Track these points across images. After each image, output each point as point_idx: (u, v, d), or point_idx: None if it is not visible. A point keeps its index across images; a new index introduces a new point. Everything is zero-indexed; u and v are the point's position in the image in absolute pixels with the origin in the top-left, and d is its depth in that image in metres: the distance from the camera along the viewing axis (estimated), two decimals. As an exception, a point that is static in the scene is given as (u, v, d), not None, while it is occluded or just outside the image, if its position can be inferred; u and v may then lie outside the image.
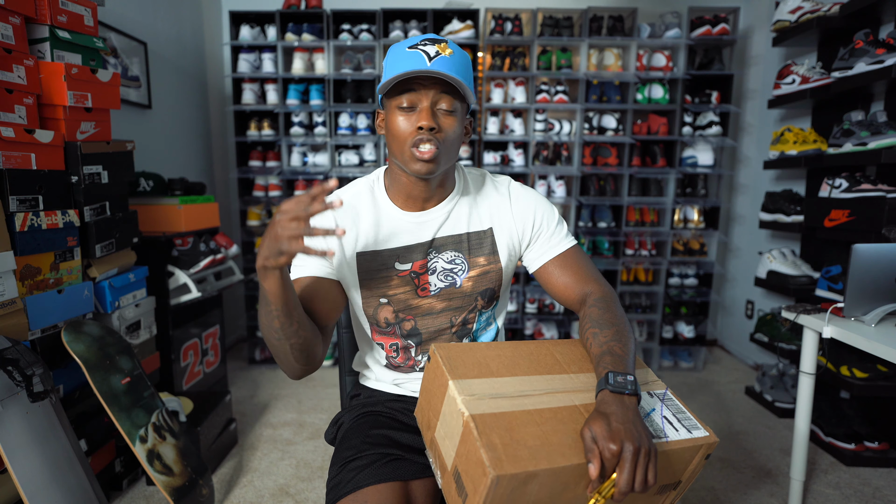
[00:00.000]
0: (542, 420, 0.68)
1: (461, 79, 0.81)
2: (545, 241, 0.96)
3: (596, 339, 0.81)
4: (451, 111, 0.84)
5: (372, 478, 0.80)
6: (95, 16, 1.58)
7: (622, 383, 0.70)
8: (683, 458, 0.71)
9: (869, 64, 1.80)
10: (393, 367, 0.99)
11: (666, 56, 2.64)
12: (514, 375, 0.75)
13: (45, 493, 1.18)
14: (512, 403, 0.69)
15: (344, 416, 1.00)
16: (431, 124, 0.81)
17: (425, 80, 0.82)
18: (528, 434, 0.65)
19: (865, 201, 1.83)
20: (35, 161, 1.37)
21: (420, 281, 0.92)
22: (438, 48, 0.81)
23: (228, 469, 1.82)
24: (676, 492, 0.76)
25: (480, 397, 0.69)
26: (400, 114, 0.83)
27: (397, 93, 0.83)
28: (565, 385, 0.76)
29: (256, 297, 2.85)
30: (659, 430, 0.72)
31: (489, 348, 0.80)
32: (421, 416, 0.81)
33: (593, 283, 0.92)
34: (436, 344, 0.78)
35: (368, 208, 0.92)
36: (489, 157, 2.74)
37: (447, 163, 0.87)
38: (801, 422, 1.51)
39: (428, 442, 0.78)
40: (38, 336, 1.38)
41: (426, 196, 0.91)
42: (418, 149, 0.82)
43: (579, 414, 0.71)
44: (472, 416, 0.65)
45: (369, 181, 0.96)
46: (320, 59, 2.69)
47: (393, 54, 0.85)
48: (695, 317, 2.89)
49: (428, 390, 0.77)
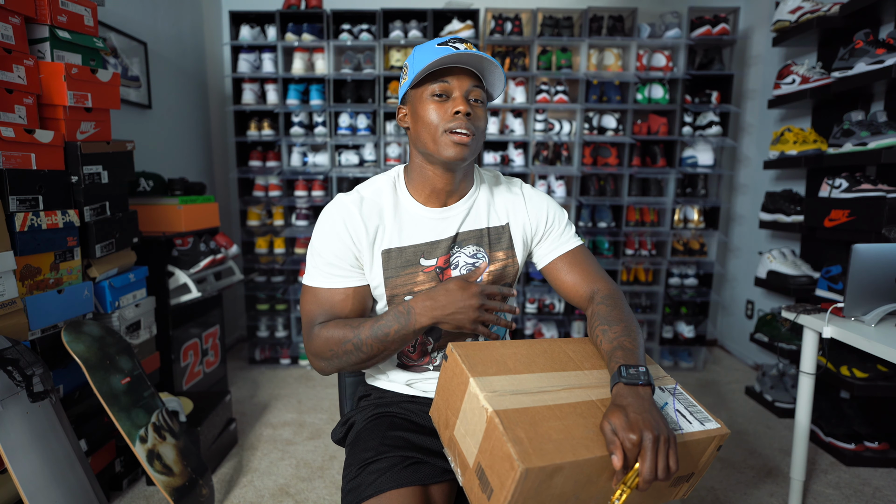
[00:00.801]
0: (563, 415, 0.69)
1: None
2: (555, 238, 0.99)
3: (606, 336, 0.82)
4: (481, 101, 0.88)
5: (393, 482, 0.81)
6: (95, 16, 1.58)
7: (635, 375, 0.72)
8: (698, 449, 0.73)
9: (869, 64, 1.80)
10: (406, 368, 0.99)
11: (666, 56, 2.64)
12: (532, 372, 0.76)
13: (45, 493, 1.18)
14: (533, 399, 0.70)
15: (355, 416, 0.99)
16: (468, 109, 0.84)
17: (458, 71, 0.85)
18: (551, 428, 0.66)
19: (865, 201, 1.83)
20: (35, 161, 1.37)
21: (444, 276, 0.93)
22: (466, 46, 0.85)
23: (228, 469, 1.82)
24: (689, 483, 0.77)
25: (502, 393, 0.70)
26: (432, 103, 0.86)
27: (429, 81, 0.86)
28: (580, 381, 0.77)
29: (256, 297, 2.85)
30: (673, 423, 0.73)
31: (504, 346, 0.81)
32: (438, 416, 0.81)
33: (601, 282, 0.95)
34: (452, 343, 0.79)
35: (391, 205, 0.93)
36: (489, 157, 2.74)
37: (475, 152, 0.89)
38: (801, 422, 1.51)
39: (446, 441, 0.78)
40: (38, 336, 1.38)
41: (450, 189, 0.93)
42: (454, 133, 0.84)
43: (597, 408, 0.72)
44: (496, 411, 0.66)
45: (390, 178, 0.97)
46: (320, 59, 2.69)
47: (421, 50, 0.88)
48: (695, 317, 2.89)
49: (446, 389, 0.78)
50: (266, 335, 2.89)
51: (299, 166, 2.78)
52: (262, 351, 2.92)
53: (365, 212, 0.91)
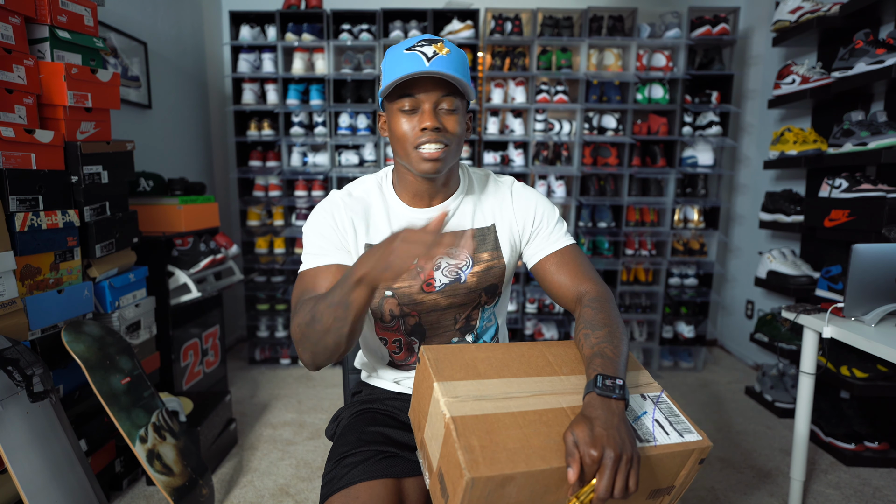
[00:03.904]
0: (526, 422, 0.67)
1: (460, 76, 0.82)
2: (544, 237, 0.98)
3: (588, 340, 0.80)
4: (452, 110, 0.85)
5: (364, 474, 0.81)
6: (95, 16, 1.58)
7: (610, 387, 0.69)
8: (674, 462, 0.70)
9: (869, 64, 1.80)
10: (395, 366, 1.00)
11: (666, 56, 2.64)
12: (502, 377, 0.74)
13: (45, 493, 1.18)
14: (495, 406, 0.69)
15: (343, 413, 1.01)
16: (435, 124, 0.82)
17: (425, 82, 0.82)
18: (508, 437, 0.65)
19: (865, 201, 1.83)
20: (35, 161, 1.37)
21: (425, 276, 0.93)
22: (435, 48, 0.82)
23: (228, 469, 1.82)
24: (671, 496, 0.75)
25: (464, 399, 0.68)
26: (402, 116, 0.85)
27: (398, 96, 0.84)
28: (554, 387, 0.75)
29: (256, 297, 2.85)
30: (648, 434, 0.70)
31: (479, 350, 0.79)
32: (413, 417, 0.81)
33: (589, 283, 0.92)
34: (425, 346, 0.78)
35: (378, 204, 0.95)
36: (489, 157, 2.74)
37: (452, 160, 0.89)
38: (801, 422, 1.51)
39: (418, 443, 0.78)
40: (38, 336, 1.38)
41: (432, 193, 0.94)
42: (424, 150, 0.84)
43: (565, 416, 0.70)
44: (452, 417, 0.65)
45: (378, 178, 0.98)
46: (320, 59, 2.69)
47: (390, 57, 0.85)
48: (695, 317, 2.89)
49: (418, 391, 0.77)
50: (266, 335, 2.89)
51: (299, 166, 2.78)
52: (262, 351, 2.92)
53: (351, 206, 0.93)
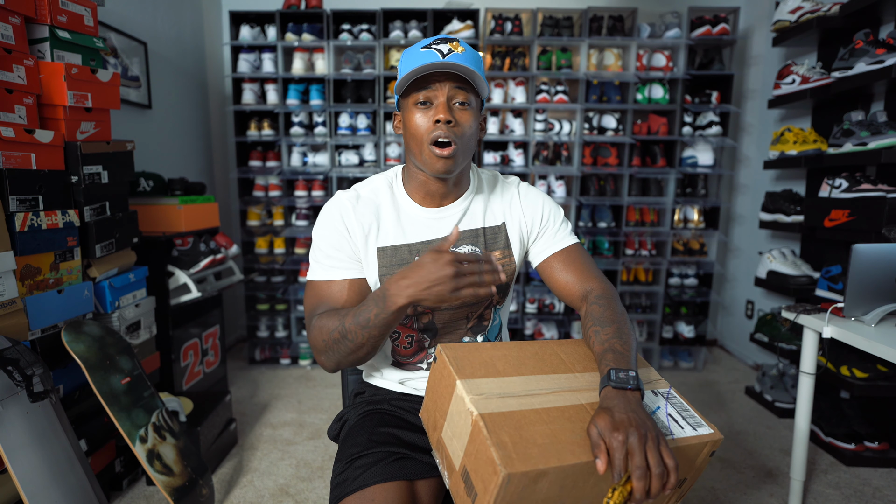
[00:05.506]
0: (550, 419, 0.68)
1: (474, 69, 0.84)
2: (550, 236, 0.99)
3: (598, 337, 0.82)
4: (466, 104, 0.87)
5: (378, 476, 0.81)
6: (95, 16, 1.58)
7: (624, 379, 0.71)
8: (689, 454, 0.71)
9: (869, 64, 1.80)
10: (399, 366, 1.00)
11: (666, 56, 2.64)
12: (521, 375, 0.75)
13: (45, 493, 1.18)
14: (520, 402, 0.69)
15: (348, 413, 1.00)
16: (448, 117, 0.84)
17: (440, 76, 0.85)
18: (537, 432, 0.65)
19: (865, 201, 1.83)
20: (35, 161, 1.37)
21: None
22: (451, 46, 0.85)
23: (228, 469, 1.82)
24: (681, 490, 0.76)
25: (488, 396, 0.69)
26: (417, 110, 0.86)
27: (413, 90, 0.86)
28: (571, 384, 0.76)
29: (256, 297, 2.85)
30: (664, 428, 0.72)
31: (495, 348, 0.80)
32: (427, 417, 0.81)
33: (594, 281, 0.94)
34: (441, 344, 0.78)
35: (388, 204, 0.95)
36: (489, 157, 2.74)
37: (464, 159, 0.90)
38: (801, 422, 1.51)
39: (434, 442, 0.78)
40: (38, 336, 1.38)
41: (444, 193, 0.94)
42: (437, 148, 0.85)
43: (585, 412, 0.71)
44: (480, 415, 0.65)
45: (388, 178, 0.98)
46: (320, 59, 2.69)
47: (407, 56, 0.88)
48: (695, 317, 2.89)
49: (434, 390, 0.78)
50: (266, 335, 2.89)
51: (299, 166, 2.78)
52: (262, 351, 2.92)
53: (360, 209, 0.93)
